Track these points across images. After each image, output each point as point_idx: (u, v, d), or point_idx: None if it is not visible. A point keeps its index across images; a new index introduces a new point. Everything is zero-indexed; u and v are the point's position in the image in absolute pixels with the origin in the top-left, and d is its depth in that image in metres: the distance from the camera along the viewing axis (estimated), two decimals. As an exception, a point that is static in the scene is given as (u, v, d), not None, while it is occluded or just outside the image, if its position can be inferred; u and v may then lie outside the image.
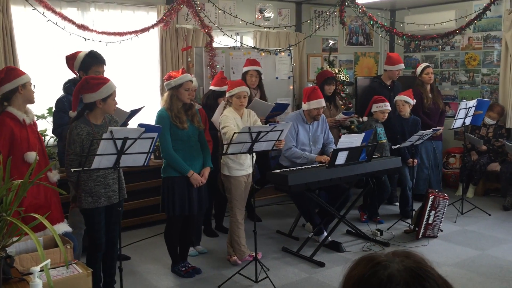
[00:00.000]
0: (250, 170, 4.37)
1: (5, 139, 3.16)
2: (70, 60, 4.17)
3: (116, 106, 3.60)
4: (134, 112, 4.42)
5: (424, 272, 0.97)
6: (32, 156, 3.21)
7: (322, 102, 4.86)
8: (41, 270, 1.86)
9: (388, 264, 0.99)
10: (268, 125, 4.05)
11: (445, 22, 7.06)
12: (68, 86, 4.16)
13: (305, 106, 4.89)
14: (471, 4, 7.07)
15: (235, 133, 3.76)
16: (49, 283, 1.72)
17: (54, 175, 3.49)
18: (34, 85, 3.40)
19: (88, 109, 3.47)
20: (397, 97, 5.62)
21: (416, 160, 5.56)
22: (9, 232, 1.83)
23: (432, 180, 6.20)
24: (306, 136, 4.97)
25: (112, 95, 3.46)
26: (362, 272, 1.00)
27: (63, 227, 3.35)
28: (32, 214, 1.86)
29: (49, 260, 1.75)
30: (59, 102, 4.10)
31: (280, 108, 5.47)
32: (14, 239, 1.88)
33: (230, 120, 4.24)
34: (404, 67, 6.23)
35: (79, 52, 4.16)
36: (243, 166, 4.35)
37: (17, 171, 2.94)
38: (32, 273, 2.14)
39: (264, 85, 5.61)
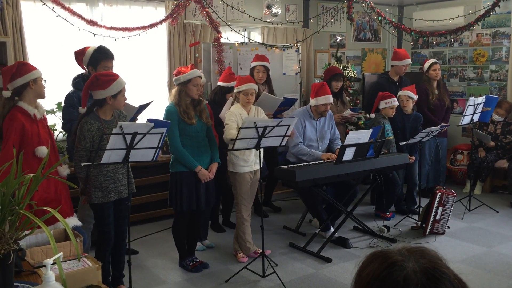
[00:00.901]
0: (257, 167, 4.38)
1: (17, 133, 3.19)
2: (79, 55, 4.19)
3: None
4: (142, 107, 4.44)
5: (440, 273, 0.96)
6: (43, 150, 3.24)
7: (330, 98, 4.86)
8: (53, 263, 1.88)
9: (404, 265, 0.98)
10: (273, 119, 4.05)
11: (453, 18, 7.03)
12: (77, 81, 4.18)
13: (313, 101, 4.89)
14: (480, 0, 7.03)
15: (240, 128, 3.75)
16: (61, 276, 1.74)
17: (64, 170, 3.52)
18: (45, 80, 3.42)
19: (98, 105, 3.49)
20: (401, 92, 5.58)
21: (413, 157, 5.50)
22: (21, 225, 1.85)
23: (430, 175, 6.18)
24: (313, 132, 4.97)
25: (121, 91, 3.48)
26: (377, 271, 0.99)
27: (73, 221, 3.38)
28: (45, 208, 1.88)
29: (61, 253, 1.77)
30: (68, 97, 4.12)
31: (288, 103, 5.48)
32: (26, 232, 1.91)
33: (234, 117, 4.24)
34: (410, 62, 6.20)
35: (88, 47, 4.17)
36: (247, 163, 4.35)
37: (27, 165, 2.96)
38: (43, 266, 2.17)
39: (272, 81, 5.62)
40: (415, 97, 5.54)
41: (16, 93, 3.30)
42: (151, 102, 4.55)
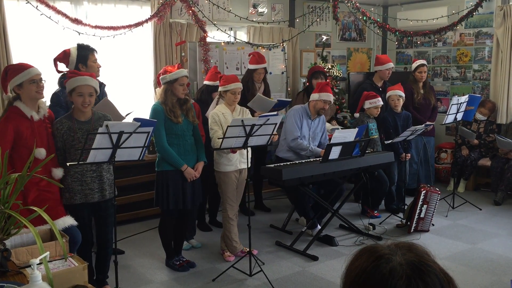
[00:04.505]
0: (243, 166, 4.38)
1: (7, 139, 3.15)
2: (63, 60, 4.15)
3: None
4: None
5: (425, 266, 0.98)
6: (41, 152, 3.20)
7: (331, 97, 4.97)
8: (39, 263, 1.87)
9: (390, 258, 0.99)
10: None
11: (437, 18, 7.12)
12: (64, 80, 4.15)
13: (315, 96, 4.93)
14: (463, 1, 7.12)
15: (228, 126, 3.76)
16: (48, 275, 1.73)
17: (59, 171, 3.41)
18: (35, 80, 3.31)
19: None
20: (391, 92, 5.64)
21: (409, 155, 5.61)
22: (7, 225, 1.84)
23: (420, 175, 6.25)
24: (307, 131, 5.01)
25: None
26: (364, 265, 1.00)
27: (69, 220, 3.29)
28: (32, 207, 1.87)
29: (48, 253, 1.76)
30: (54, 96, 4.09)
31: (281, 105, 5.48)
32: (13, 231, 1.89)
33: (217, 117, 4.24)
34: (393, 65, 6.24)
35: (67, 50, 4.16)
36: (231, 161, 4.35)
37: (22, 167, 2.93)
38: (28, 266, 2.15)
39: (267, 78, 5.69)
40: (403, 95, 5.62)
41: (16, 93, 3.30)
42: (131, 112, 4.53)
